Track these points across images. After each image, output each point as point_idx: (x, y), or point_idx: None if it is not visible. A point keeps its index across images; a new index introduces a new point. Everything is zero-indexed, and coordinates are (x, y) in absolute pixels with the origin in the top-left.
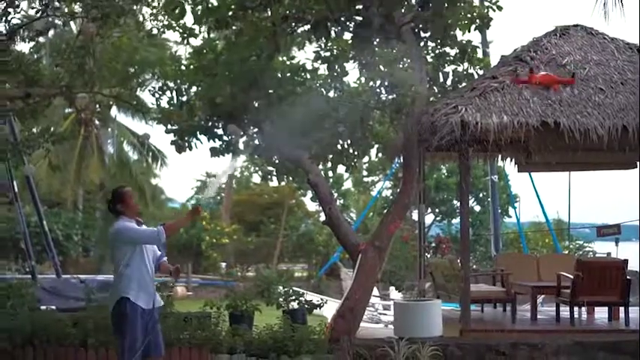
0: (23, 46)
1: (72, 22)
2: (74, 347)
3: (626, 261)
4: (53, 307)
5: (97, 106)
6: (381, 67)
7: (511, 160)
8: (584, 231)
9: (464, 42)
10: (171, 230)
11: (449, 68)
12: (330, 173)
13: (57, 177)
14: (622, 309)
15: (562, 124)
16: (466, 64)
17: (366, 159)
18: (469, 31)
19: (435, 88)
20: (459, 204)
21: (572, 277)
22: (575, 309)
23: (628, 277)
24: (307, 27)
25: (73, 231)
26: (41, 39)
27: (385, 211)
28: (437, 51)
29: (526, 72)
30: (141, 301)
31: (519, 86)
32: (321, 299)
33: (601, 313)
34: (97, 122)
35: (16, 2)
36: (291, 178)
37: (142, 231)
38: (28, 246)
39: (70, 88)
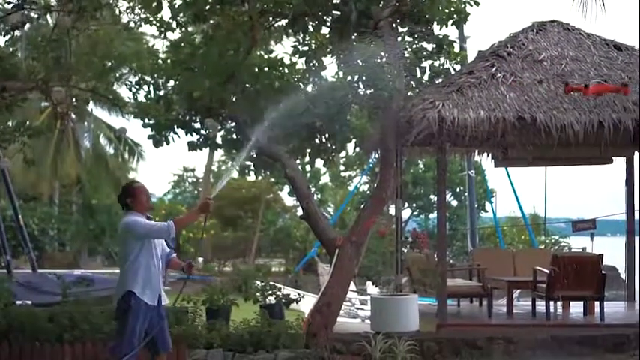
0: None
1: (48, 16)
2: (50, 342)
3: (601, 256)
4: (29, 302)
5: (74, 100)
6: (359, 62)
7: (488, 155)
8: (560, 226)
9: (441, 37)
10: (182, 225)
11: (426, 63)
12: (308, 168)
13: (33, 171)
14: (597, 303)
15: (538, 119)
16: (443, 59)
17: (343, 154)
18: (446, 26)
19: (412, 82)
20: (436, 199)
21: (547, 271)
22: (551, 303)
23: (603, 272)
24: (285, 21)
25: (49, 225)
26: (17, 32)
27: (362, 206)
28: (414, 46)
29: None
30: (146, 296)
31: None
32: (299, 294)
33: (576, 308)
34: (73, 116)
35: None
36: (268, 173)
37: (152, 225)
38: (4, 240)
39: (47, 81)
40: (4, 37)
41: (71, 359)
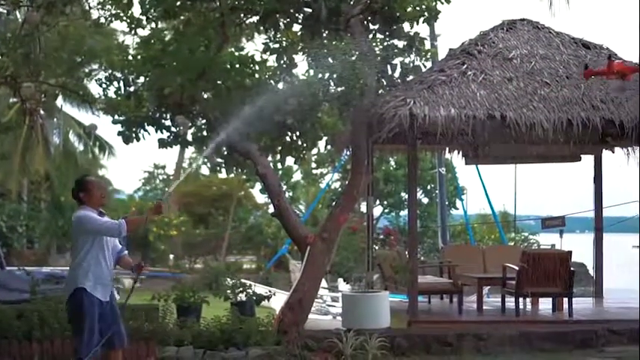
0: None
1: (17, 11)
2: (18, 340)
3: (570, 252)
4: None
5: (43, 95)
6: (330, 59)
7: (458, 153)
8: (530, 223)
9: (412, 34)
10: (133, 225)
11: (397, 60)
12: (279, 165)
13: (1, 167)
14: (566, 300)
15: (508, 117)
16: (414, 57)
17: (315, 151)
18: (417, 24)
19: (383, 80)
20: (407, 196)
21: (517, 268)
22: (521, 300)
23: (572, 269)
24: (256, 18)
25: (18, 222)
26: None
27: (334, 203)
28: (385, 43)
29: (602, 62)
30: (98, 292)
31: (589, 77)
32: (270, 291)
33: (545, 304)
34: (42, 112)
35: None
36: (240, 170)
37: (103, 222)
38: None
39: (15, 77)
40: None
41: (40, 357)
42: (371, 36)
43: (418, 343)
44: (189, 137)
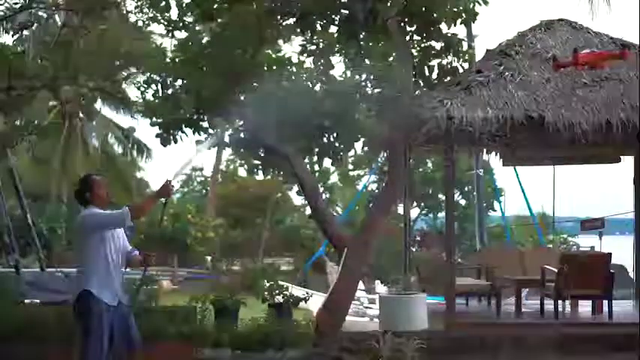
0: (7, 39)
1: (56, 15)
2: (59, 341)
3: (609, 255)
4: (37, 301)
5: (82, 99)
6: (367, 61)
7: (496, 154)
8: (568, 225)
9: (449, 36)
10: (139, 211)
11: (434, 62)
12: (316, 167)
13: (41, 170)
14: (606, 302)
15: (546, 118)
16: (451, 58)
17: (352, 153)
18: (455, 25)
19: (420, 81)
20: (444, 198)
21: (556, 270)
22: (560, 302)
23: (611, 271)
24: (293, 20)
25: (57, 224)
26: (25, 32)
27: (371, 205)
28: (422, 45)
29: (568, 55)
30: (104, 296)
31: (560, 70)
32: (307, 293)
33: (585, 307)
34: (81, 115)
35: None
36: (277, 172)
37: (107, 214)
38: (12, 239)
39: (55, 81)
40: (13, 36)
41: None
42: (408, 37)
43: (456, 346)
44: (227, 139)
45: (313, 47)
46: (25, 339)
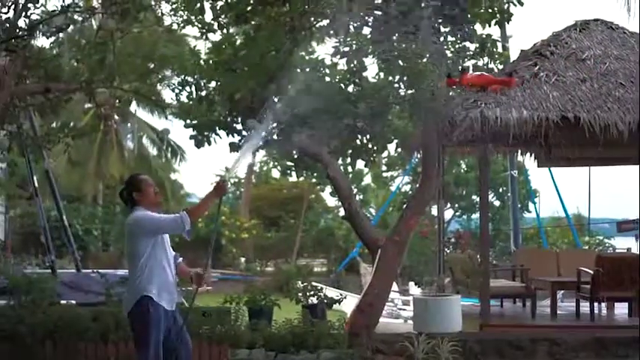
0: (43, 42)
1: (92, 18)
2: (94, 342)
3: None
4: (73, 302)
5: (117, 101)
6: (400, 62)
7: (531, 155)
8: (604, 226)
9: (483, 36)
10: (197, 214)
11: (468, 63)
12: (350, 168)
13: (77, 172)
14: None
15: (582, 118)
16: (486, 59)
17: (385, 154)
18: (489, 26)
19: None
20: (478, 199)
21: (592, 272)
22: (596, 304)
23: None
24: (326, 22)
25: (93, 226)
26: (61, 35)
27: (404, 206)
28: (456, 45)
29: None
30: (164, 301)
31: (451, 86)
32: (341, 294)
33: (621, 309)
34: (116, 117)
35: None
36: (310, 173)
37: (164, 218)
38: (48, 240)
39: (90, 83)
40: (49, 39)
41: (116, 359)
42: (442, 38)
43: (490, 348)
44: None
45: (346, 49)
46: (61, 339)
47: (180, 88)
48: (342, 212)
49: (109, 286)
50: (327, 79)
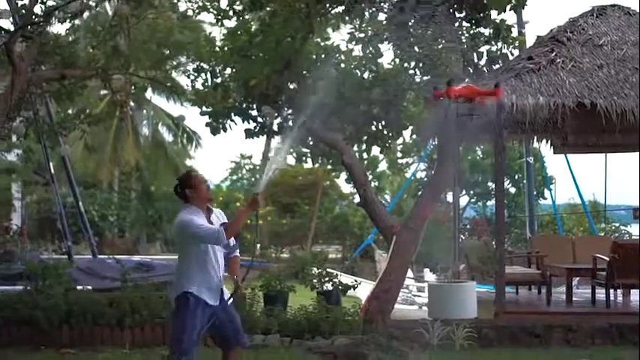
0: (59, 28)
1: (107, 4)
2: (110, 327)
3: None
4: (89, 287)
5: (132, 87)
6: (416, 49)
7: (547, 142)
8: (620, 213)
9: (499, 22)
10: (232, 231)
11: (484, 48)
12: (365, 155)
13: (93, 158)
14: None
15: (599, 105)
16: (501, 45)
17: (400, 140)
18: (504, 11)
19: (469, 68)
20: (493, 186)
21: (608, 259)
22: (611, 291)
23: None
24: (342, 8)
25: (109, 212)
26: (76, 21)
27: (420, 192)
28: (471, 31)
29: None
30: (204, 295)
31: (438, 99)
32: (355, 281)
33: (637, 296)
34: (132, 104)
35: None
36: (325, 160)
37: (204, 230)
38: (65, 226)
39: (106, 69)
40: (64, 25)
41: (131, 344)
42: (457, 24)
43: (506, 334)
44: (276, 127)
45: (362, 35)
46: (77, 324)
47: (195, 74)
48: (357, 199)
49: (124, 272)
50: (343, 65)
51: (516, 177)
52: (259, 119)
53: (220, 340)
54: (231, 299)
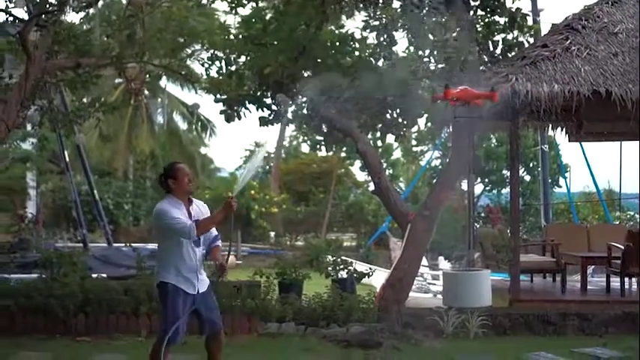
0: (73, 17)
1: None
2: (125, 315)
3: None
4: (104, 275)
5: (147, 76)
6: (430, 36)
7: (562, 130)
8: (635, 201)
9: (514, 10)
10: (204, 228)
11: (498, 37)
12: (379, 143)
13: (108, 147)
14: None
15: (614, 93)
16: (516, 33)
17: (415, 128)
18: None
19: (484, 56)
20: (508, 174)
21: (622, 247)
22: (626, 280)
23: None
24: None
25: (124, 200)
26: (91, 10)
27: (434, 180)
28: (486, 19)
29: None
30: (182, 284)
31: (436, 101)
32: (370, 269)
33: None
34: (146, 92)
35: None
36: (339, 148)
37: (175, 223)
38: (80, 215)
39: (120, 58)
40: (79, 14)
41: (147, 332)
42: (472, 12)
43: (520, 323)
44: (290, 115)
45: (376, 23)
46: (92, 312)
47: (210, 62)
48: (371, 187)
49: (140, 260)
50: (357, 53)
51: (531, 165)
52: (273, 107)
53: (200, 327)
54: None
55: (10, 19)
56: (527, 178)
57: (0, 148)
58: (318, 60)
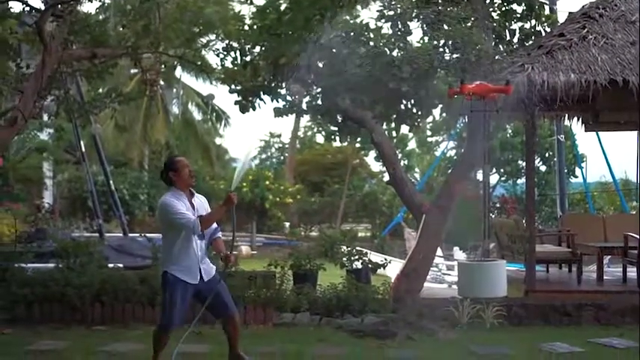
0: (89, 7)
1: None
2: (141, 304)
3: None
4: (120, 265)
5: (162, 66)
6: (446, 26)
7: (578, 120)
8: None
9: None
10: (208, 223)
11: (515, 26)
12: (394, 133)
13: (123, 137)
14: None
15: (631, 82)
16: (533, 22)
17: (430, 119)
18: None
19: (500, 46)
20: (524, 164)
21: (639, 237)
22: None
23: None
24: None
25: (139, 190)
26: (107, 0)
27: (449, 171)
28: (503, 8)
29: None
30: (185, 276)
31: (453, 96)
32: (385, 259)
33: None
34: (162, 82)
35: None
36: (354, 138)
37: (179, 217)
38: (96, 205)
39: (136, 48)
40: (95, 3)
41: None
42: (488, 1)
43: (536, 313)
44: (304, 106)
45: (391, 13)
46: (108, 301)
47: (224, 53)
48: (386, 177)
49: (155, 250)
50: (372, 43)
51: (547, 155)
52: (288, 98)
53: (212, 313)
54: (223, 274)
55: (27, 9)
56: (543, 168)
57: (17, 138)
58: (333, 50)
